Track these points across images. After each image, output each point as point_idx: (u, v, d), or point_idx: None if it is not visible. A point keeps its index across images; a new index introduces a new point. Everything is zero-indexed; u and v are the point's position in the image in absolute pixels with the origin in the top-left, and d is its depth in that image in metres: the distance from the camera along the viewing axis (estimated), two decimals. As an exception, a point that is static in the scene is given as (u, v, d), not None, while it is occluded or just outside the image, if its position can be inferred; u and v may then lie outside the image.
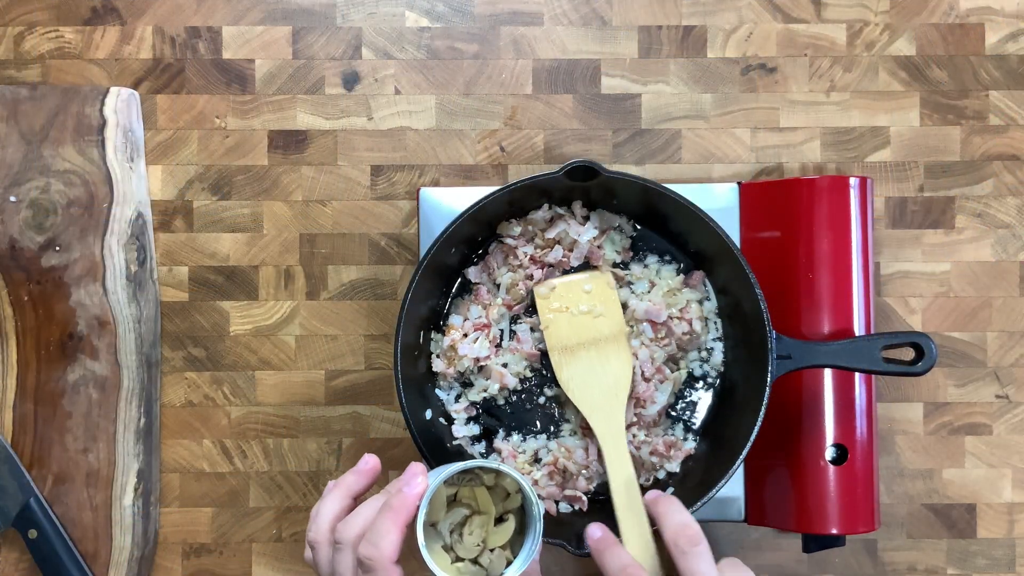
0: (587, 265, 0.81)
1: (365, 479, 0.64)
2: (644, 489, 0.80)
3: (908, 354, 0.73)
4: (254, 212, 0.86)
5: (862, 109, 0.86)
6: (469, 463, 0.61)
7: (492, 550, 0.62)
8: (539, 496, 0.64)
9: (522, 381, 0.80)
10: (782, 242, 0.79)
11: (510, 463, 0.77)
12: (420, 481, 0.60)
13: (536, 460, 0.78)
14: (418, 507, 0.59)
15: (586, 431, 0.79)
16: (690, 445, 0.80)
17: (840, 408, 0.78)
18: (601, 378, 0.73)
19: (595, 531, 0.66)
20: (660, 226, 0.81)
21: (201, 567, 0.85)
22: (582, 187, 0.76)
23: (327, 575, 0.62)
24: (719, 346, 0.80)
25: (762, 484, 0.79)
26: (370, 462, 0.65)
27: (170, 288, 0.86)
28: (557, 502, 0.78)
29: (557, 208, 0.80)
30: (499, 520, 0.64)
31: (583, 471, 0.79)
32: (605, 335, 0.74)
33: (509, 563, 0.62)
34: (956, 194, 0.86)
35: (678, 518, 0.63)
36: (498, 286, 0.80)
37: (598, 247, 0.79)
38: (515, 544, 0.63)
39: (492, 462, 0.62)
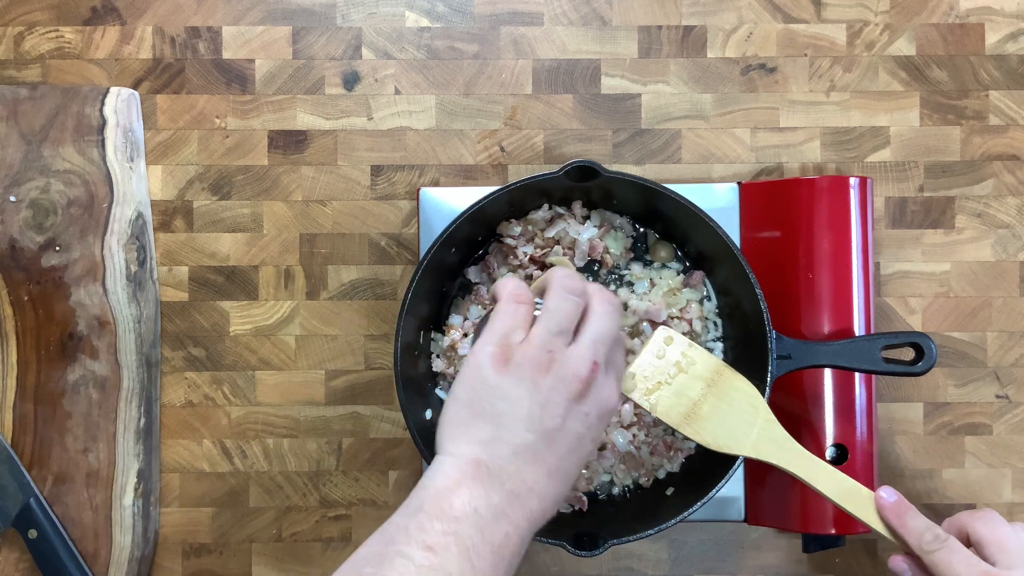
0: (589, 264, 0.81)
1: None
2: (647, 489, 0.80)
3: (908, 354, 0.73)
4: (254, 212, 0.86)
5: (862, 109, 0.86)
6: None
7: None
8: None
9: (522, 381, 0.80)
10: (782, 242, 0.79)
11: None
12: None
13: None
14: None
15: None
16: (690, 445, 0.80)
17: (840, 408, 0.78)
18: (740, 415, 0.68)
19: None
20: (660, 226, 0.81)
21: (201, 567, 0.85)
22: (582, 187, 0.76)
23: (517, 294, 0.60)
24: (719, 346, 0.80)
25: (762, 484, 0.79)
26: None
27: (170, 288, 0.86)
28: (557, 502, 0.78)
29: (557, 208, 0.80)
30: None
31: (583, 471, 0.79)
32: (709, 377, 0.68)
33: None
34: (956, 194, 0.86)
35: (913, 524, 0.64)
36: (498, 286, 0.80)
37: (599, 239, 0.79)
38: None
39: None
